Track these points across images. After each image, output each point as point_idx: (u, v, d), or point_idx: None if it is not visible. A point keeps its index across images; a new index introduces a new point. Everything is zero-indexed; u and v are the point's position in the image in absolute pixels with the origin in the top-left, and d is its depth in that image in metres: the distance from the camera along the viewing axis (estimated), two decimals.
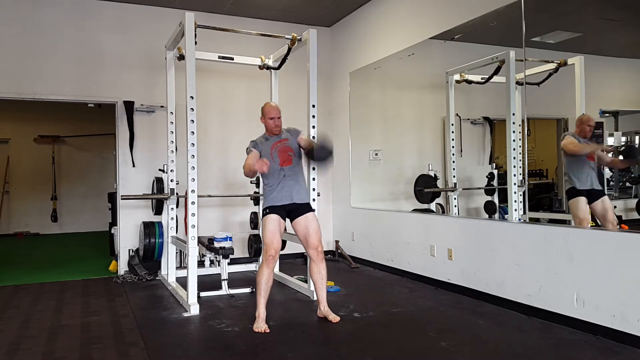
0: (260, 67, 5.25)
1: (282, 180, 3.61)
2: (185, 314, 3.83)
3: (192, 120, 3.96)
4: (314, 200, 4.17)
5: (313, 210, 3.75)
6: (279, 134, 3.73)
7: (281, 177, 3.62)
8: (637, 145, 3.88)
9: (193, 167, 3.96)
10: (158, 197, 4.97)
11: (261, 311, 3.45)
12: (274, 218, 3.55)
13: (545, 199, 4.23)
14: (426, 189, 5.06)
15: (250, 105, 6.13)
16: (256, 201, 5.41)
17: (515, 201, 3.93)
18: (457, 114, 4.83)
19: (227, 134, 6.08)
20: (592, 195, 3.59)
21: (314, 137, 4.23)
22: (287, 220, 3.69)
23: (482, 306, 3.91)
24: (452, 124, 4.80)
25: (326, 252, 5.58)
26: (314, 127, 4.30)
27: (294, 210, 3.65)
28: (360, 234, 5.96)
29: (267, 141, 3.70)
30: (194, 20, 4.03)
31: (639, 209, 3.72)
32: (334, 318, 3.50)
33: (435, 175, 5.01)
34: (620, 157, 3.81)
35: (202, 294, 4.32)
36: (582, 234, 3.35)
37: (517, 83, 3.96)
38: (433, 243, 4.66)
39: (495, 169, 4.74)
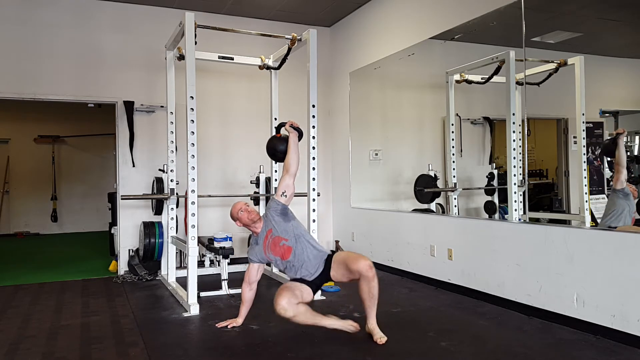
0: (260, 67, 5.25)
1: (296, 265, 3.33)
2: (185, 314, 3.84)
3: (192, 120, 3.96)
4: (314, 205, 4.16)
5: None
6: (260, 223, 3.42)
7: (290, 265, 3.34)
8: None
9: (193, 167, 3.96)
10: (158, 197, 4.97)
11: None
12: (293, 282, 3.30)
13: (545, 198, 4.23)
14: (426, 189, 5.06)
15: (250, 105, 6.15)
16: (256, 201, 5.40)
17: (515, 201, 3.93)
18: (457, 114, 4.83)
19: (227, 134, 6.09)
20: None
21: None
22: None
23: (482, 306, 3.92)
24: (452, 124, 4.80)
25: None
26: (314, 127, 4.30)
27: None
28: (360, 234, 5.96)
29: (258, 245, 3.43)
30: (194, 20, 4.03)
31: (639, 209, 3.71)
32: (380, 339, 3.08)
33: (435, 175, 5.01)
34: None
35: (202, 294, 4.32)
36: (582, 234, 3.35)
37: (517, 83, 3.96)
38: (433, 243, 4.66)
39: (495, 169, 4.74)
